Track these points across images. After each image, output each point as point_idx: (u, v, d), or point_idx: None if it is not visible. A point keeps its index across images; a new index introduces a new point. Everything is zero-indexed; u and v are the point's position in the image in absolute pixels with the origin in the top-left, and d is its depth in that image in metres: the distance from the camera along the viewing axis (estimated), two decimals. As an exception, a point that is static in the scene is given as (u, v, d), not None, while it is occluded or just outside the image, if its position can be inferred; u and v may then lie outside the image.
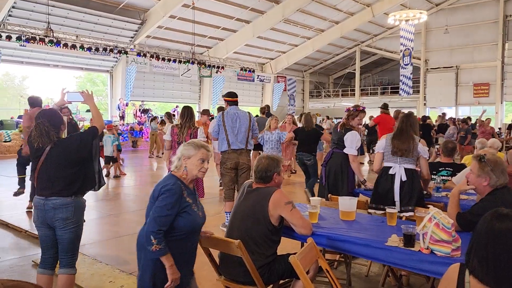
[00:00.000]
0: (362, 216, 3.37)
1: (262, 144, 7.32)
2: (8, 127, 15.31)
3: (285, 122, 10.13)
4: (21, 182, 6.54)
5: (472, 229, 1.70)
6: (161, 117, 15.42)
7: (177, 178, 2.52)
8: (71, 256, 3.06)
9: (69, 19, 17.07)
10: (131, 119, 20.55)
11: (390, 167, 3.96)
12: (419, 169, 4.07)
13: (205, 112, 9.29)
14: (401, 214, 3.69)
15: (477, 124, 13.72)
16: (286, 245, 3.07)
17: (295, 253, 2.98)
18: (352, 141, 4.70)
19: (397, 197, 3.83)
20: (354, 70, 29.58)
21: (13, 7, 15.34)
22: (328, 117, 20.62)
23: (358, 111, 4.84)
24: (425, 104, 26.76)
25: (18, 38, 14.48)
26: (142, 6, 18.32)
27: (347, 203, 3.23)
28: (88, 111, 20.04)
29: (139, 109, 20.45)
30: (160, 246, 2.33)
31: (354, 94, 29.86)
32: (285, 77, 29.38)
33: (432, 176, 4.50)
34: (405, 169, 3.90)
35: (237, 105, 5.51)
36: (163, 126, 12.69)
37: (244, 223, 2.80)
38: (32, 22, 16.10)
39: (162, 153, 14.13)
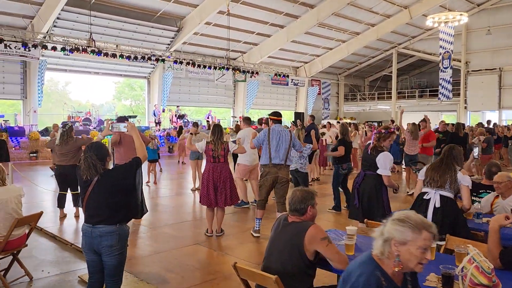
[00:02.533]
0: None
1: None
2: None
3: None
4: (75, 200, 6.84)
5: None
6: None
7: (377, 266, 1.97)
8: (116, 280, 3.25)
9: (110, 28, 17.72)
10: (167, 125, 21.05)
11: (425, 192, 3.98)
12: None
13: (247, 121, 8.63)
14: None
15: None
16: (322, 278, 3.10)
17: (330, 286, 3.03)
18: (385, 162, 4.82)
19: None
20: (391, 72, 28.99)
21: (58, 18, 16.11)
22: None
23: (390, 132, 4.97)
24: (466, 107, 25.88)
25: (63, 49, 15.16)
26: (178, 14, 18.74)
27: (384, 235, 3.21)
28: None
29: (175, 115, 20.91)
30: None
31: (390, 97, 29.25)
32: (320, 80, 29.20)
33: (473, 198, 4.40)
34: (440, 195, 3.87)
35: (281, 123, 6.02)
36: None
37: (280, 257, 2.86)
38: (75, 32, 16.82)
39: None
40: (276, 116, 5.97)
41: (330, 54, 26.40)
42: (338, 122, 22.55)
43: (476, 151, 9.22)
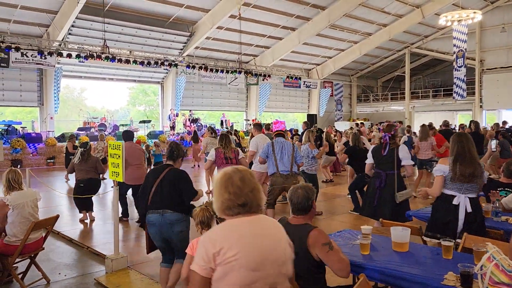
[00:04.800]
0: (415, 246, 3.29)
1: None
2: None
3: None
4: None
5: None
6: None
7: None
8: (183, 251, 3.45)
9: (123, 34, 17.94)
10: (181, 129, 21.19)
11: (453, 196, 3.67)
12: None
13: (258, 127, 8.67)
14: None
15: None
16: (337, 278, 3.06)
17: (346, 286, 2.99)
18: (407, 153, 5.50)
19: (459, 229, 3.62)
20: (404, 72, 28.70)
21: (72, 26, 16.38)
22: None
23: (396, 129, 5.64)
24: (481, 106, 25.45)
25: (78, 56, 15.40)
26: (190, 19, 18.89)
27: (399, 234, 3.17)
28: (143, 122, 20.87)
29: (189, 119, 21.04)
30: None
31: (404, 98, 28.93)
32: (332, 82, 29.08)
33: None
34: (469, 199, 3.63)
35: (283, 137, 6.50)
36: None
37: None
38: (90, 40, 17.07)
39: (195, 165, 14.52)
40: (279, 131, 6.75)
41: (342, 55, 26.28)
42: (356, 124, 22.38)
43: (493, 144, 8.89)
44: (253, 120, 22.23)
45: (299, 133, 13.16)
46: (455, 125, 22.78)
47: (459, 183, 3.63)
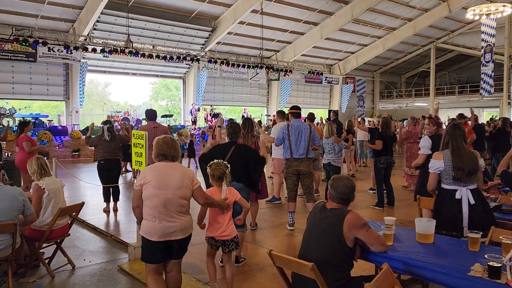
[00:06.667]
0: (440, 238, 3.23)
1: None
2: (94, 132, 16.57)
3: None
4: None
5: None
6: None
7: None
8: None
9: (146, 29, 18.16)
10: (202, 123, 21.35)
11: (454, 190, 3.60)
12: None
13: (281, 114, 8.57)
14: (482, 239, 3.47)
15: None
16: (359, 266, 3.04)
17: (368, 276, 2.96)
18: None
19: (465, 223, 3.51)
20: (429, 68, 28.09)
21: (97, 21, 16.68)
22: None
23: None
24: (509, 103, 24.70)
25: (102, 51, 15.68)
26: (212, 14, 18.96)
27: (424, 225, 3.12)
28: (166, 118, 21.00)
29: (210, 113, 21.18)
30: None
31: (428, 94, 28.34)
32: (354, 78, 28.73)
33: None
34: (471, 190, 3.56)
35: (300, 117, 6.25)
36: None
37: (318, 245, 2.83)
38: (114, 35, 17.34)
39: None
40: (294, 110, 6.24)
41: (365, 50, 25.91)
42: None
43: None
44: (273, 116, 22.18)
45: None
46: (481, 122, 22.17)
47: (454, 174, 3.58)
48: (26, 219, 3.98)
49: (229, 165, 3.80)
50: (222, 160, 3.88)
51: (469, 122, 9.26)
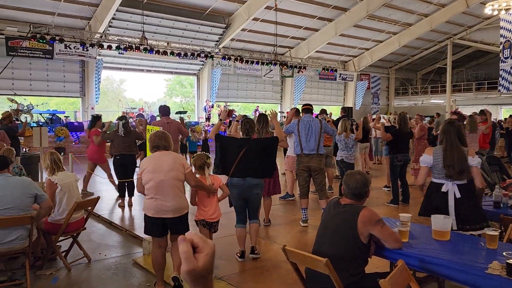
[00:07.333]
0: (457, 236, 3.18)
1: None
2: (109, 129, 16.74)
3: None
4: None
5: None
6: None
7: None
8: (256, 212, 4.72)
9: (161, 26, 18.25)
10: (216, 120, 21.40)
11: (442, 184, 3.68)
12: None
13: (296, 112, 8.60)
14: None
15: None
16: (373, 263, 3.01)
17: (383, 273, 2.93)
18: None
19: (452, 216, 3.55)
20: (445, 64, 27.62)
21: (113, 18, 16.83)
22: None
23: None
24: (529, 100, 24.19)
25: (118, 47, 15.83)
26: (226, 10, 18.95)
27: (440, 222, 3.07)
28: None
29: (224, 110, 21.21)
30: None
31: (445, 91, 27.87)
32: (369, 74, 28.43)
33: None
34: (458, 185, 3.62)
35: (311, 113, 6.25)
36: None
37: (332, 240, 2.81)
38: (129, 32, 17.48)
39: None
40: (306, 106, 6.29)
41: (380, 47, 25.61)
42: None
43: None
44: (287, 113, 22.12)
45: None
46: (497, 119, 21.76)
47: (446, 171, 3.65)
48: (41, 206, 4.05)
49: (210, 156, 4.43)
50: (206, 154, 4.45)
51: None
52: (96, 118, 8.29)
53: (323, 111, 8.73)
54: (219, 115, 19.42)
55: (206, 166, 4.28)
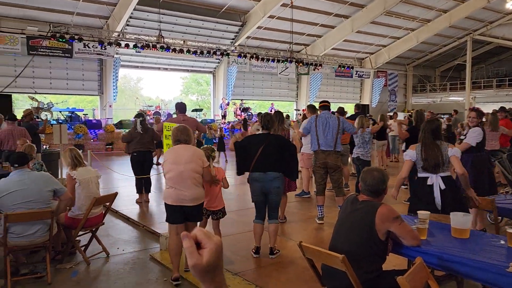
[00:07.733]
0: (477, 233, 3.13)
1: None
2: (126, 126, 17.01)
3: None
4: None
5: None
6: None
7: None
8: (276, 212, 4.67)
9: (177, 25, 18.37)
10: (232, 118, 21.47)
11: (426, 177, 3.93)
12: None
13: (312, 109, 8.29)
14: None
15: None
16: (390, 261, 2.98)
17: (401, 270, 2.90)
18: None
19: (439, 206, 3.82)
20: (465, 61, 27.08)
21: (130, 17, 17.01)
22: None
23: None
24: (551, 97, 23.57)
25: (135, 46, 16.00)
26: (242, 8, 18.96)
27: (460, 220, 3.02)
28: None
29: (239, 108, 21.26)
30: None
31: (464, 88, 27.35)
32: (386, 71, 28.10)
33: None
34: (441, 177, 3.86)
35: (329, 110, 6.25)
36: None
37: (349, 237, 2.80)
38: (146, 30, 17.65)
39: None
40: (323, 103, 6.30)
41: (397, 43, 25.27)
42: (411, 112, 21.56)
43: None
44: (303, 110, 22.04)
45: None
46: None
47: (423, 165, 3.94)
48: (60, 198, 4.15)
49: (214, 149, 4.70)
50: (211, 150, 4.68)
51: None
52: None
53: (341, 110, 8.58)
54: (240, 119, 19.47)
55: (211, 158, 4.50)
